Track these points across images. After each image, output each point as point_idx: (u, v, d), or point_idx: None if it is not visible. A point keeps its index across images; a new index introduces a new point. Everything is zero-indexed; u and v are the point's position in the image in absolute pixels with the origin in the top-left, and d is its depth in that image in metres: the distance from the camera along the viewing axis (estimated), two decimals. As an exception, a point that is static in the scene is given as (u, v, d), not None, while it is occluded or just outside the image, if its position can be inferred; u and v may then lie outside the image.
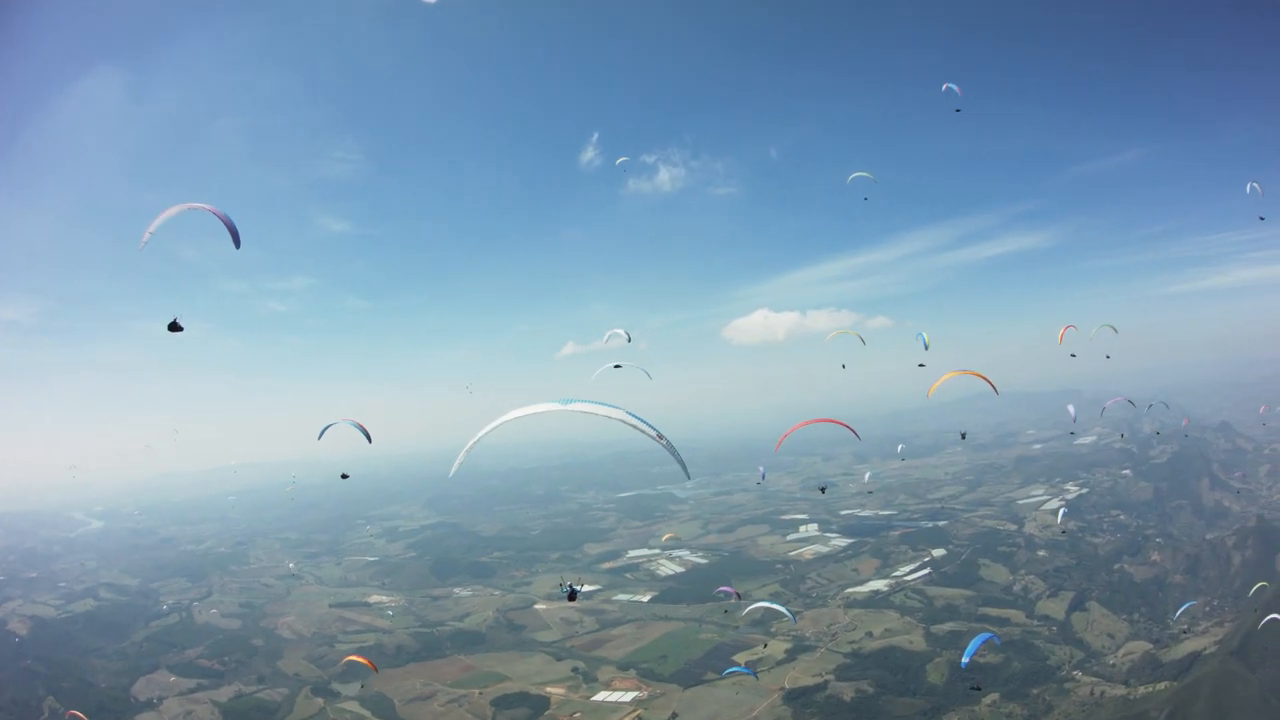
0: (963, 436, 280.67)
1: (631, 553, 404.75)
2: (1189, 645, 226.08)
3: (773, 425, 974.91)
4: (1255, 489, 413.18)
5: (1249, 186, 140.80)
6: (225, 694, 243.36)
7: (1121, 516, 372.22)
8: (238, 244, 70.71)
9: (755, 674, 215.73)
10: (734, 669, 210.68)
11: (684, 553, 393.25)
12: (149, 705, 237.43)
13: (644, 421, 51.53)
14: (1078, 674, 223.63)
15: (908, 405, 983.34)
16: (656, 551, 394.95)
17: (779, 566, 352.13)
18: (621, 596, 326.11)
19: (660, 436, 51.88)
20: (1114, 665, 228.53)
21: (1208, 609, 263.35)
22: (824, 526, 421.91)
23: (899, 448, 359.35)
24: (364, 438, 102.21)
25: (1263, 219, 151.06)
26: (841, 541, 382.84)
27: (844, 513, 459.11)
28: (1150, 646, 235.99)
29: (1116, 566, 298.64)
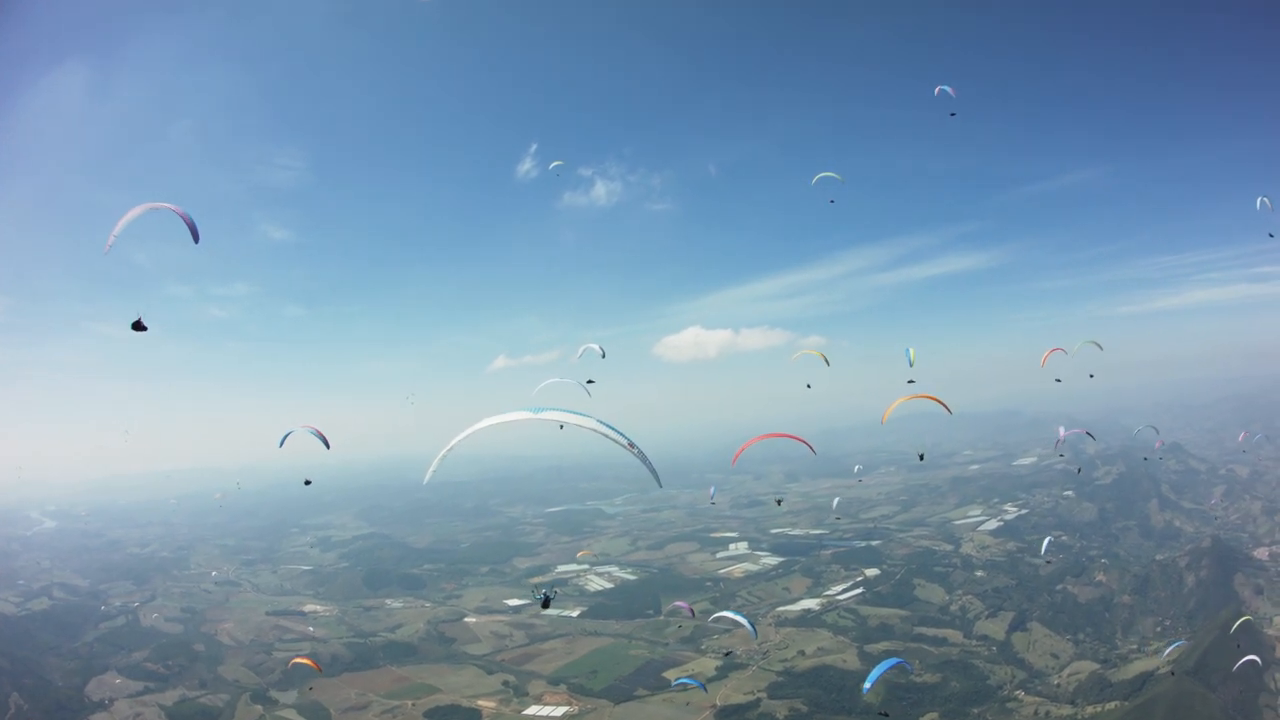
0: (921, 458, 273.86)
1: (560, 568, 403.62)
2: (1140, 665, 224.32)
3: (703, 443, 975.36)
4: (1209, 510, 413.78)
5: (1259, 201, 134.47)
6: (170, 698, 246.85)
7: (1064, 537, 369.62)
8: (196, 239, 72.10)
9: (704, 686, 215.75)
10: (683, 679, 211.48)
11: (613, 568, 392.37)
12: (101, 706, 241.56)
13: (615, 430, 52.64)
14: (1020, 694, 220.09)
15: (839, 425, 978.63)
16: (585, 567, 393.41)
17: (709, 584, 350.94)
18: (550, 611, 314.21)
19: (631, 445, 52.63)
20: (1059, 685, 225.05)
21: (1159, 629, 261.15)
22: (754, 545, 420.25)
23: (856, 468, 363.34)
24: (321, 444, 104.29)
25: (1272, 236, 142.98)
26: (772, 560, 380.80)
27: (774, 531, 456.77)
28: (1098, 666, 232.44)
29: (1059, 587, 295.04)
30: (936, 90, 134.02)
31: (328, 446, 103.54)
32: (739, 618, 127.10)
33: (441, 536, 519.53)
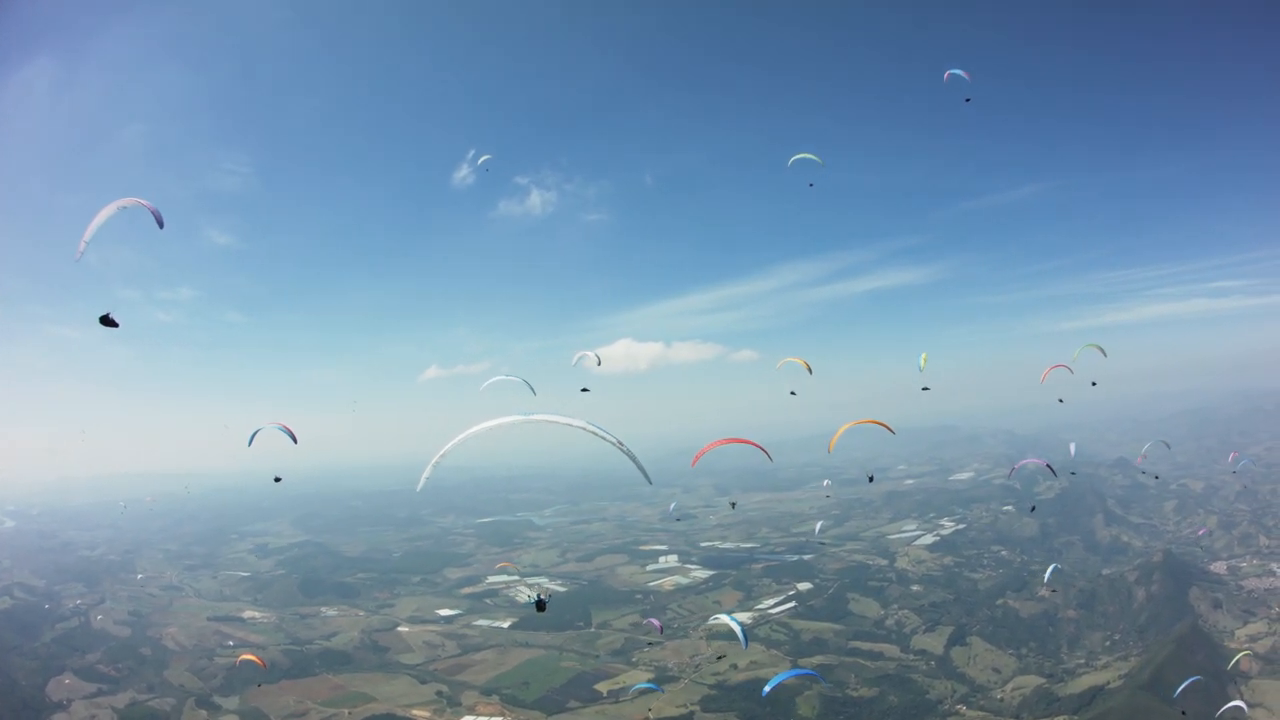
0: (870, 479, 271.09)
1: (491, 578, 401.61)
2: (1089, 679, 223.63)
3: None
4: (1160, 525, 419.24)
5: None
6: (122, 700, 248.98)
7: (1003, 552, 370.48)
8: (161, 225, 73.35)
9: (661, 689, 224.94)
10: (642, 684, 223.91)
11: (543, 580, 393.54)
12: (61, 706, 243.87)
13: (604, 431, 54.95)
14: (962, 708, 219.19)
15: (772, 438, 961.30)
16: (515, 578, 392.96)
17: (639, 596, 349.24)
18: (482, 622, 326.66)
19: (620, 444, 55.59)
20: (1002, 699, 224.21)
21: (1108, 643, 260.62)
22: (684, 558, 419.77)
23: (825, 482, 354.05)
24: (289, 440, 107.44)
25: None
26: (702, 573, 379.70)
27: (704, 544, 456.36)
28: (1043, 681, 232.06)
29: (999, 601, 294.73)
30: (946, 75, 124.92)
31: (295, 441, 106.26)
32: (734, 624, 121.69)
33: (374, 545, 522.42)
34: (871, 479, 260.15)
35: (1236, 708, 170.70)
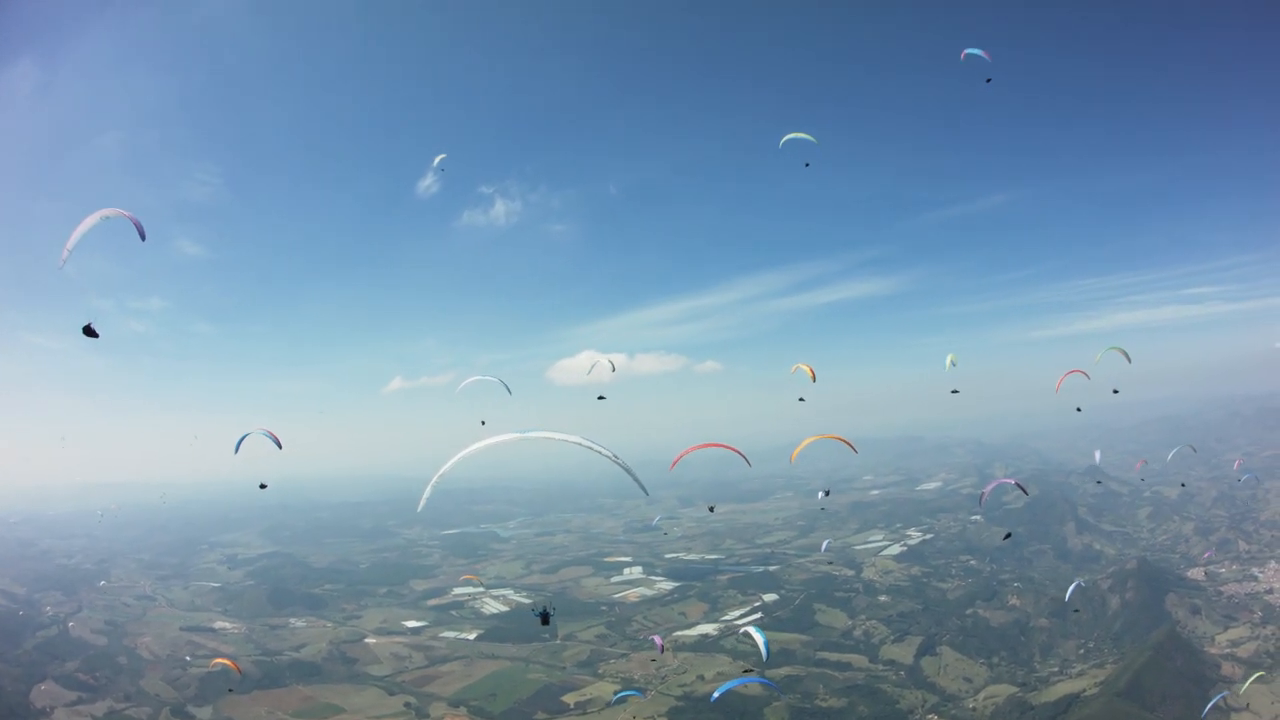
0: (825, 494, 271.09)
1: (456, 590, 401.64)
2: (1064, 687, 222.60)
3: (594, 467, 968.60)
4: (1134, 532, 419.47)
5: None
6: (101, 709, 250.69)
7: (972, 561, 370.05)
8: (144, 237, 73.22)
9: (644, 694, 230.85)
10: (625, 692, 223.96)
11: (508, 591, 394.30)
12: (44, 713, 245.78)
13: (599, 445, 56.73)
14: (933, 717, 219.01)
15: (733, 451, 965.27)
16: (481, 589, 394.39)
17: (604, 608, 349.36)
18: (448, 634, 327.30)
19: (616, 457, 57.47)
20: (974, 709, 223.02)
21: (1082, 651, 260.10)
22: (648, 569, 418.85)
23: (820, 494, 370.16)
24: (274, 446, 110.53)
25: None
26: (667, 585, 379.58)
27: (668, 556, 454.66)
28: (1016, 689, 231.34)
29: (969, 611, 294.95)
30: (963, 54, 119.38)
31: (280, 447, 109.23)
32: (758, 636, 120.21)
33: (341, 557, 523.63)
34: (827, 493, 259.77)
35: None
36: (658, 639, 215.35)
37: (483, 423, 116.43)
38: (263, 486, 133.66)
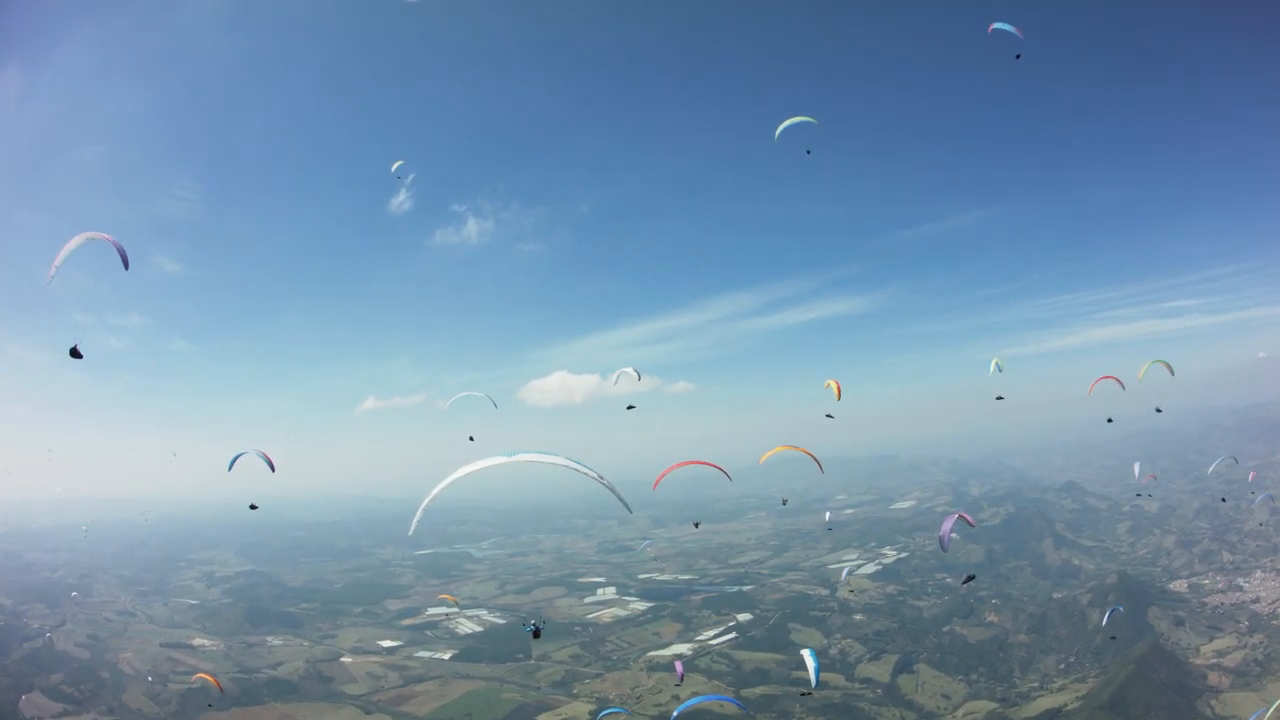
0: (784, 502, 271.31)
1: (430, 610, 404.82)
2: (1045, 702, 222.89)
3: (568, 488, 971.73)
4: (1114, 547, 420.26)
5: None
6: None
7: (948, 579, 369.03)
8: (126, 266, 76.91)
9: (628, 711, 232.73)
10: (612, 709, 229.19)
11: (481, 612, 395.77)
12: None
13: (584, 465, 57.21)
14: None
15: (707, 472, 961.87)
16: (455, 609, 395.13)
17: (578, 629, 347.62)
18: (422, 653, 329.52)
19: (601, 478, 56.92)
20: None
21: (1062, 666, 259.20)
22: (621, 590, 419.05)
23: (826, 514, 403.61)
24: (268, 467, 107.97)
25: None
26: (640, 605, 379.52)
27: (642, 576, 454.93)
28: (996, 705, 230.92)
29: (946, 628, 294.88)
30: (990, 28, 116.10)
31: (273, 470, 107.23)
32: (811, 661, 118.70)
33: (316, 576, 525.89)
34: (785, 502, 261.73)
35: None
36: (679, 665, 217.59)
37: (471, 439, 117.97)
38: (253, 507, 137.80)
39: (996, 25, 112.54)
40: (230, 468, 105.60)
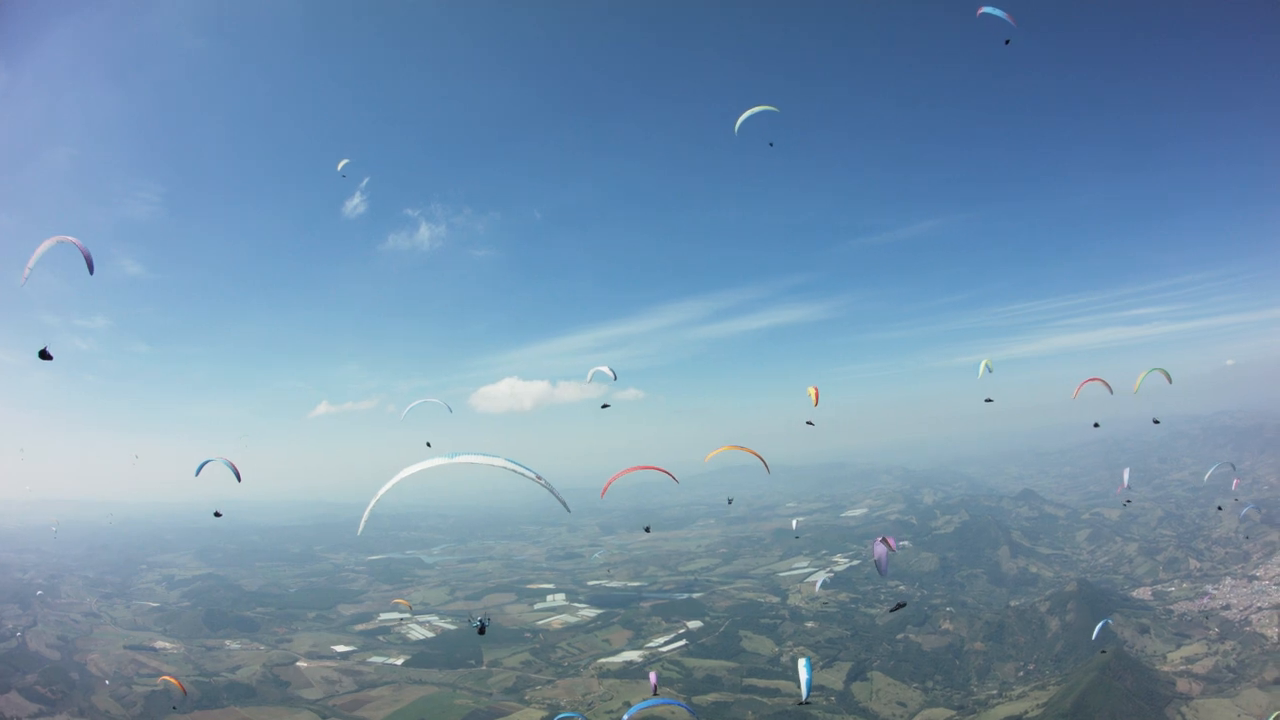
0: (729, 501, 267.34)
1: (383, 615, 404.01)
2: (1004, 710, 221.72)
3: (516, 494, 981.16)
4: (1073, 555, 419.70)
5: None
6: None
7: (902, 587, 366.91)
8: (91, 270, 79.21)
9: (583, 718, 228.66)
10: (567, 715, 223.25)
11: (433, 618, 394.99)
12: None
13: (523, 466, 59.13)
14: None
15: (655, 478, 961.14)
16: (407, 615, 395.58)
17: (528, 635, 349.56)
18: (376, 658, 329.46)
19: (539, 478, 59.52)
20: None
21: (1021, 674, 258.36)
22: (571, 596, 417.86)
23: (794, 522, 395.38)
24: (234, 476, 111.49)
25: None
26: (590, 612, 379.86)
27: (591, 583, 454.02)
28: (954, 713, 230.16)
29: (900, 636, 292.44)
30: (980, 11, 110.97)
31: (239, 479, 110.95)
32: (804, 669, 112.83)
33: (271, 580, 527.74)
34: (730, 501, 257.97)
35: None
36: (653, 676, 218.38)
37: (428, 444, 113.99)
38: (217, 515, 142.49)
39: (986, 9, 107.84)
40: (197, 474, 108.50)
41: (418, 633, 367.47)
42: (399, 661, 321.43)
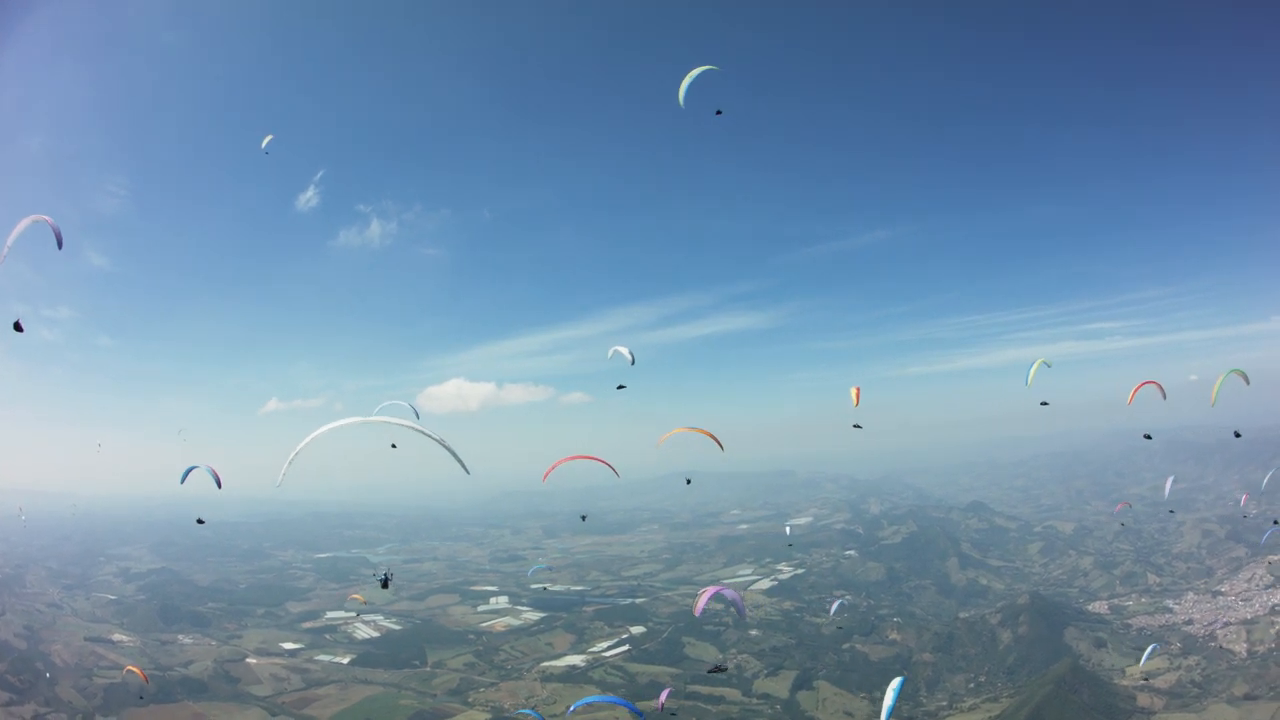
0: (688, 482, 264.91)
1: (330, 614, 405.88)
2: None
3: (461, 495, 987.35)
4: (1025, 568, 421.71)
5: None
6: (28, 712, 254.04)
7: (848, 596, 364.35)
8: (60, 245, 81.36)
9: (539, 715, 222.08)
10: (523, 710, 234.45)
11: (378, 617, 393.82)
12: None
13: (426, 428, 68.12)
14: None
15: (601, 481, 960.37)
16: (352, 614, 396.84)
17: (471, 637, 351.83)
18: (323, 657, 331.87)
19: (442, 441, 67.95)
20: None
21: (972, 685, 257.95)
22: (514, 599, 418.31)
23: (787, 528, 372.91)
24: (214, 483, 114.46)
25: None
26: (533, 615, 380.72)
27: (534, 586, 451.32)
28: None
29: (846, 646, 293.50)
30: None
31: (219, 486, 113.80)
32: (891, 694, 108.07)
33: (221, 576, 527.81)
34: (689, 481, 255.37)
35: None
36: (663, 694, 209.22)
37: (394, 445, 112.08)
38: (200, 521, 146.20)
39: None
40: (183, 480, 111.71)
41: (363, 632, 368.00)
42: (345, 660, 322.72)
